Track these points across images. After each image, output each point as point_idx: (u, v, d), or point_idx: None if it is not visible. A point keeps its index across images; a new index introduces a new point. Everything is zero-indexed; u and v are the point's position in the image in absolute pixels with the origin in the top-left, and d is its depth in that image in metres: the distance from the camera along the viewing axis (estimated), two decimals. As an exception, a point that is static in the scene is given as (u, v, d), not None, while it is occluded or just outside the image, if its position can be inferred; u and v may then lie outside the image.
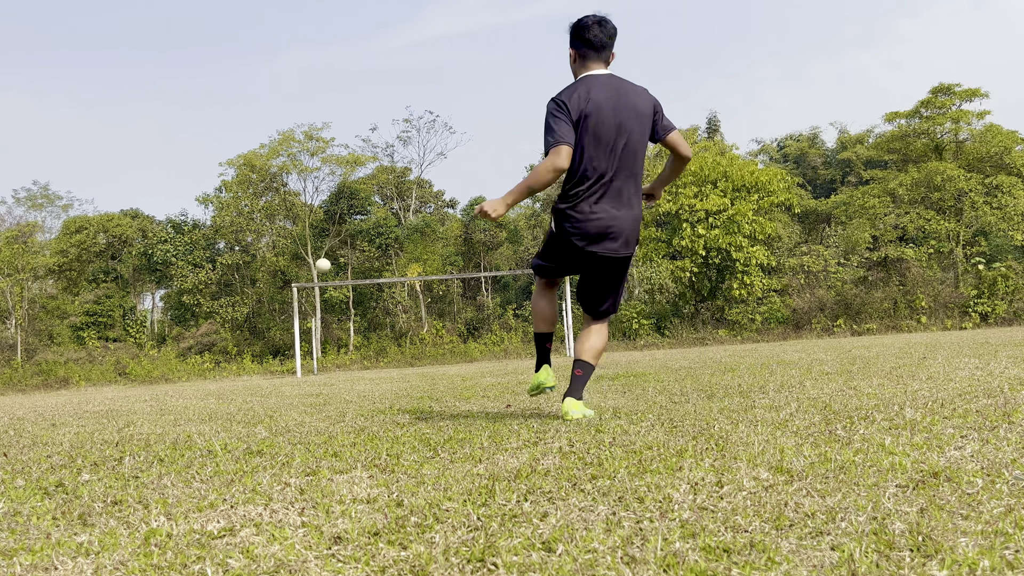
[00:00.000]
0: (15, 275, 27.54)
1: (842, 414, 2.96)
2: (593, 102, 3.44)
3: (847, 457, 2.06)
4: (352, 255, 28.89)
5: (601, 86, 3.49)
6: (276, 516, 1.82)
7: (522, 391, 5.74)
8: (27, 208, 34.80)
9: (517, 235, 32.33)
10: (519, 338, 23.91)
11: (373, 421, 4.05)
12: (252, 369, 22.48)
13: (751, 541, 1.39)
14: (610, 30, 3.56)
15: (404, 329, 26.96)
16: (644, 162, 3.68)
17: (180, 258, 29.43)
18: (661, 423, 3.07)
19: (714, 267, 23.03)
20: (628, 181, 3.50)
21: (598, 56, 3.56)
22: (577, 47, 3.58)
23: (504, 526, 1.60)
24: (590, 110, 3.43)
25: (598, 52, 3.56)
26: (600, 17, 3.55)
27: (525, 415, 3.85)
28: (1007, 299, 21.12)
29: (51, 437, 4.36)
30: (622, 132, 3.45)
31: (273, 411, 5.39)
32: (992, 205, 23.82)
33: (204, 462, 2.83)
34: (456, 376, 9.93)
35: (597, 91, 3.47)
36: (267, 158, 27.15)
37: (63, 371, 22.51)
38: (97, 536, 1.73)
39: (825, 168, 39.18)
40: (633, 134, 3.47)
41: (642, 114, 3.48)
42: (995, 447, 2.08)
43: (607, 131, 3.44)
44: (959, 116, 24.89)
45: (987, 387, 3.59)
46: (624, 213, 3.49)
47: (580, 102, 3.45)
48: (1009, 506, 1.50)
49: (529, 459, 2.37)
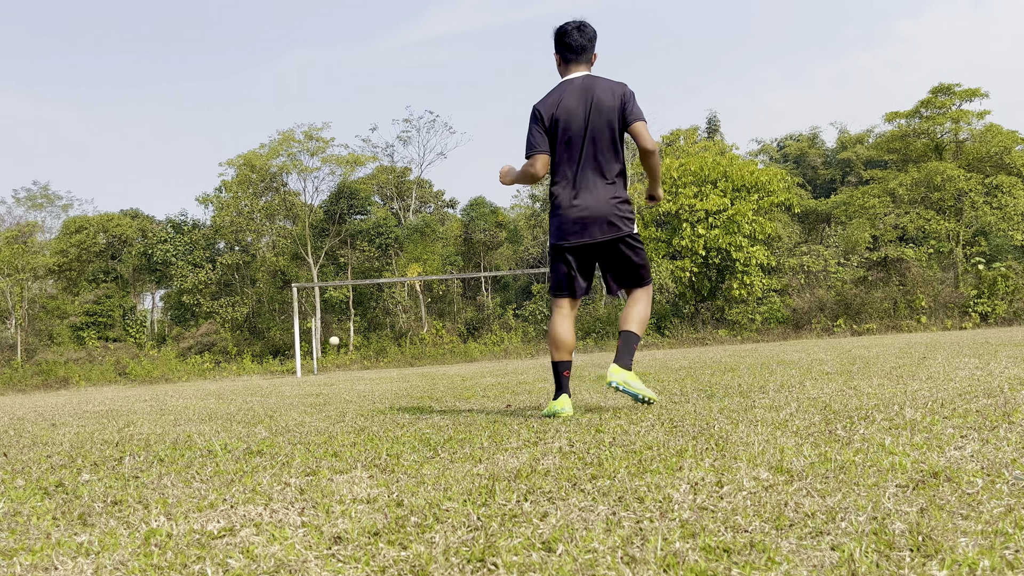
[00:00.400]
0: (15, 275, 27.53)
1: (842, 414, 2.96)
2: (563, 107, 3.72)
3: (847, 457, 2.06)
4: (352, 255, 28.88)
5: (574, 89, 3.76)
6: (276, 516, 1.82)
7: (522, 391, 5.74)
8: (27, 208, 34.76)
9: (517, 235, 32.32)
10: (519, 338, 23.92)
11: (373, 421, 4.05)
12: (252, 369, 22.48)
13: (751, 541, 1.39)
14: (589, 33, 3.82)
15: (404, 329, 26.96)
16: (618, 149, 3.77)
17: (180, 258, 29.42)
18: (661, 423, 3.07)
19: (714, 267, 23.03)
20: (598, 171, 3.72)
21: (579, 59, 3.82)
22: (559, 51, 3.86)
23: (504, 526, 1.60)
24: (559, 114, 3.72)
25: (578, 55, 3.81)
26: (579, 23, 3.82)
27: (525, 415, 3.85)
28: (1007, 299, 21.12)
29: (51, 437, 4.36)
30: (589, 129, 3.69)
31: (273, 411, 5.39)
32: (992, 205, 23.82)
33: (204, 462, 2.83)
34: (456, 376, 9.93)
35: (569, 95, 3.74)
36: (267, 158, 27.13)
37: (63, 371, 22.50)
38: (97, 536, 1.73)
39: (825, 168, 39.17)
40: (599, 128, 3.69)
41: (607, 107, 3.69)
42: (995, 447, 2.08)
43: (576, 132, 3.71)
44: (959, 116, 24.87)
45: (987, 387, 3.59)
46: (595, 201, 3.70)
47: (551, 108, 3.75)
48: (1009, 506, 1.50)
49: (529, 459, 2.37)
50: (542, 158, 3.77)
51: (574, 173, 3.73)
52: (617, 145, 3.75)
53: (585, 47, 3.80)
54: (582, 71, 3.82)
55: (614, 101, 3.69)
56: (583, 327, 23.71)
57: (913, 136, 26.00)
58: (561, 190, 3.76)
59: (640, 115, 3.71)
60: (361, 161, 29.27)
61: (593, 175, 3.72)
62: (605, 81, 3.77)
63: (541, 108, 3.77)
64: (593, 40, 3.83)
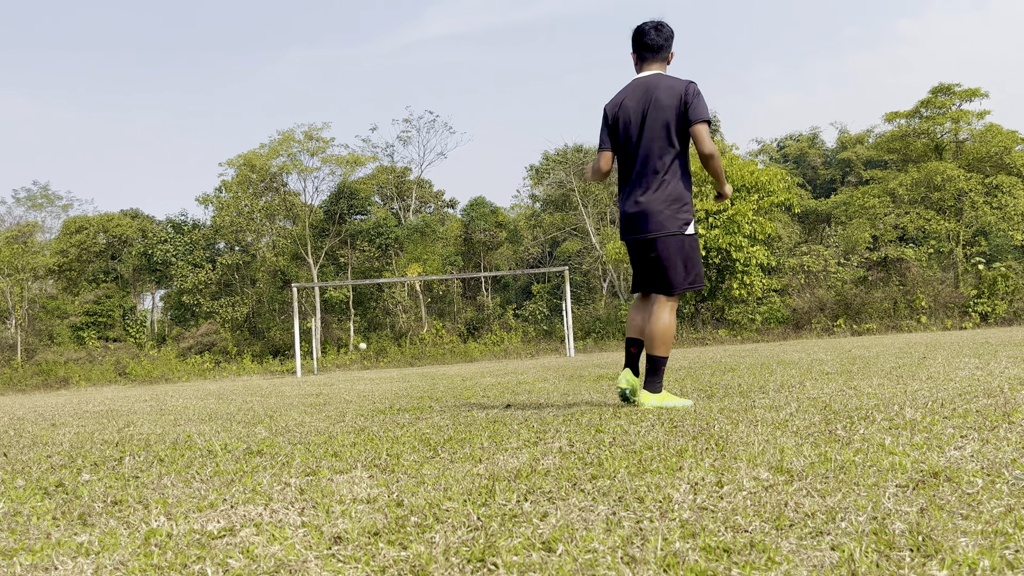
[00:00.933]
0: (15, 275, 27.53)
1: (842, 414, 2.96)
2: (624, 106, 3.84)
3: (847, 457, 2.06)
4: (352, 255, 28.88)
5: (636, 88, 3.85)
6: (276, 516, 1.82)
7: (522, 391, 5.74)
8: (27, 208, 34.78)
9: (517, 235, 32.33)
10: (519, 338, 23.91)
11: (373, 421, 4.05)
12: (252, 369, 22.48)
13: (751, 541, 1.39)
14: (666, 33, 3.90)
15: (404, 329, 26.96)
16: (675, 147, 3.77)
17: (180, 258, 29.43)
18: (661, 423, 3.07)
19: (714, 267, 23.02)
20: (652, 169, 3.78)
21: (654, 57, 3.90)
22: (636, 50, 3.95)
23: (504, 526, 1.60)
24: (620, 114, 3.85)
25: (655, 53, 3.89)
26: (656, 22, 3.89)
27: (525, 415, 3.85)
28: (1007, 299, 21.11)
29: (51, 437, 4.36)
30: (645, 128, 3.75)
31: (273, 411, 5.39)
32: (992, 205, 23.80)
33: (204, 462, 2.83)
34: (456, 376, 9.93)
35: (631, 94, 3.84)
36: (267, 158, 27.13)
37: (63, 371, 22.50)
38: (97, 536, 1.73)
39: (825, 168, 39.16)
40: (655, 127, 3.74)
41: (665, 106, 3.72)
42: (995, 447, 2.08)
43: (633, 130, 3.80)
44: (959, 116, 24.86)
45: (987, 387, 3.59)
46: (646, 199, 3.77)
47: (614, 108, 3.89)
48: (1009, 506, 1.50)
49: (529, 459, 2.37)
50: (606, 155, 3.95)
51: (631, 170, 3.84)
52: (673, 144, 3.75)
53: (661, 46, 3.87)
54: (654, 70, 3.88)
55: (672, 100, 3.71)
56: (583, 327, 23.71)
57: (913, 136, 25.99)
58: (621, 187, 3.93)
59: (701, 116, 3.70)
60: (361, 161, 29.27)
61: (647, 173, 3.78)
62: (668, 79, 3.80)
63: (607, 107, 3.93)
64: (670, 39, 3.89)
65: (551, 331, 24.63)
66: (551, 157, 31.53)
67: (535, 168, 33.63)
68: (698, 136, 3.70)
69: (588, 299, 29.21)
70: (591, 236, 28.61)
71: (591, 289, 29.90)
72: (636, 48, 3.92)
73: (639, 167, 3.80)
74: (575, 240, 30.51)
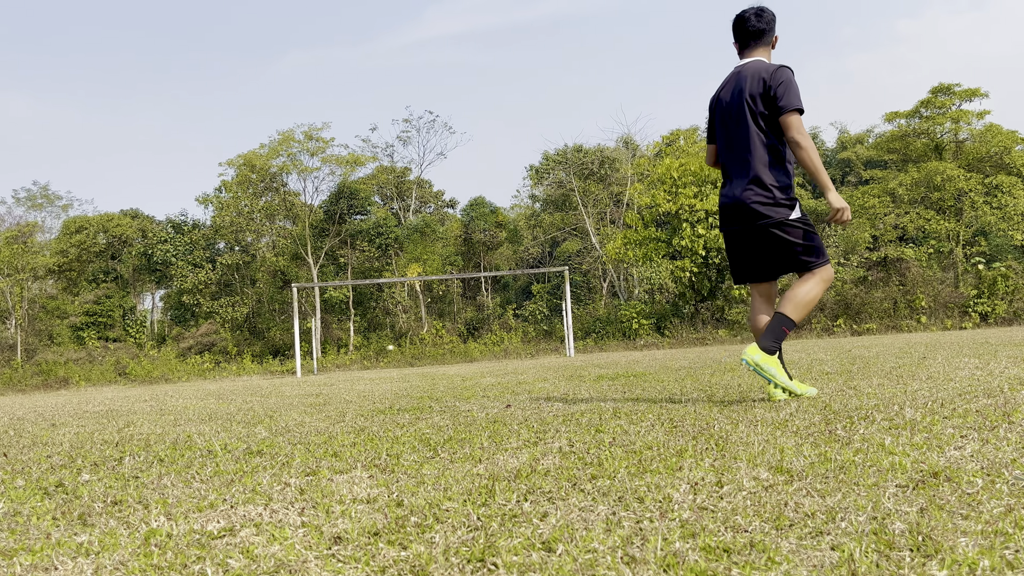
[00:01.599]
0: (15, 275, 27.53)
1: (842, 414, 2.96)
2: (720, 97, 3.83)
3: (847, 457, 2.06)
4: (352, 255, 28.88)
5: (731, 78, 3.80)
6: (276, 516, 1.82)
7: (522, 391, 5.74)
8: (27, 208, 34.80)
9: (517, 235, 32.33)
10: (519, 338, 23.91)
11: (373, 421, 4.05)
12: (252, 369, 22.47)
13: (751, 541, 1.39)
14: (767, 17, 3.79)
15: (404, 329, 26.96)
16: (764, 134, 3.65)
17: (180, 258, 29.42)
18: (661, 423, 3.07)
19: (714, 267, 23.02)
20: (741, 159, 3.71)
21: (756, 43, 3.82)
22: (737, 38, 3.88)
23: (504, 526, 1.60)
24: (714, 105, 3.86)
25: (757, 39, 3.81)
26: (757, 8, 3.82)
27: (525, 415, 3.85)
28: (1007, 299, 21.11)
29: (51, 437, 4.36)
30: (735, 117, 3.71)
31: (273, 411, 5.38)
32: (992, 205, 23.81)
33: (204, 462, 2.83)
34: (456, 376, 9.93)
35: (727, 85, 3.81)
36: (267, 158, 27.13)
37: (63, 371, 22.50)
38: (97, 536, 1.73)
39: (825, 168, 39.15)
40: (741, 115, 3.68)
41: (752, 94, 3.66)
42: (995, 447, 2.08)
43: (726, 120, 3.78)
44: (959, 116, 24.87)
45: (987, 387, 3.59)
46: (735, 190, 3.72)
47: (713, 100, 3.89)
48: (1009, 506, 1.50)
49: (529, 459, 2.37)
50: (710, 148, 3.95)
51: (726, 160, 3.81)
52: (761, 130, 3.64)
53: (763, 31, 3.78)
54: (756, 56, 3.79)
55: (758, 87, 3.63)
56: (583, 327, 23.70)
57: (913, 136, 26.00)
58: (721, 177, 3.90)
59: (791, 104, 3.54)
60: (361, 161, 29.27)
61: (737, 162, 3.74)
62: (756, 65, 3.70)
63: (711, 99, 3.92)
64: (772, 23, 3.80)
65: (551, 331, 24.63)
66: (551, 157, 31.52)
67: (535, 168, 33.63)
68: (785, 124, 3.56)
69: (588, 299, 29.20)
70: (591, 236, 28.61)
71: (591, 289, 29.90)
72: (736, 36, 3.85)
73: (729, 157, 3.77)
74: (575, 240, 30.52)
